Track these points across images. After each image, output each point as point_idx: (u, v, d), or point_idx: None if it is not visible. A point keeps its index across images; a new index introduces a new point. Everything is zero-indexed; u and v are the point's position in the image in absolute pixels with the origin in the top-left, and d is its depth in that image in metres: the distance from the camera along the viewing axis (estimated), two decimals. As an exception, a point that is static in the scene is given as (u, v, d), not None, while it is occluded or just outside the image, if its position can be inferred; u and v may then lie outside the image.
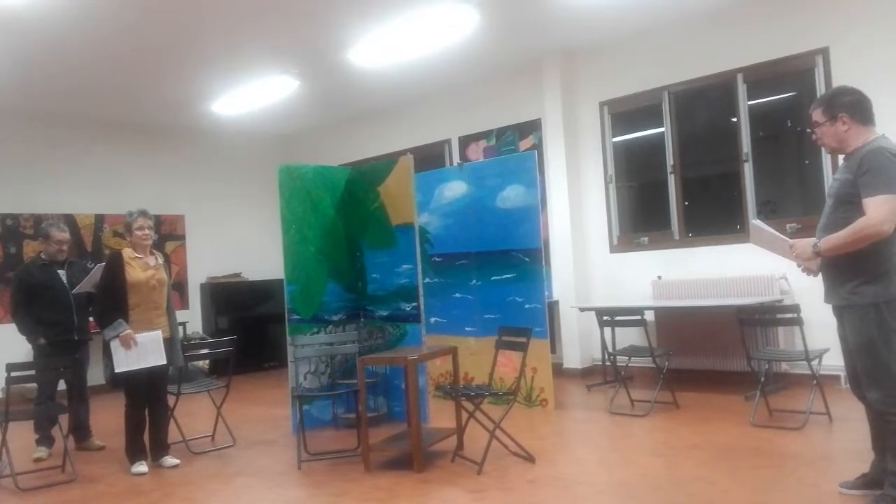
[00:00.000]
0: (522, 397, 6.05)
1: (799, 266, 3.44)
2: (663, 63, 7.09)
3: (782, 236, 3.57)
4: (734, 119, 6.76)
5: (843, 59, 6.03)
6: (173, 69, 7.37)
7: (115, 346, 4.76)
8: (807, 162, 6.58)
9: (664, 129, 7.19)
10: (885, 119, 5.86)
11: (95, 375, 6.14)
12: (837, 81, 6.05)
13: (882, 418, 3.23)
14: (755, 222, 3.70)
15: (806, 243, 3.34)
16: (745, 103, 6.68)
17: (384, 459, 4.72)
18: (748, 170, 6.64)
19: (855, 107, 3.30)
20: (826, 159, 6.11)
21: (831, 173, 5.79)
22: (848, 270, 3.23)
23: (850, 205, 3.19)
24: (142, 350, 4.79)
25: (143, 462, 4.91)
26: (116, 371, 4.78)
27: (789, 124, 6.85)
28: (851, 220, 3.14)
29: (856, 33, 5.97)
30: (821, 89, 6.12)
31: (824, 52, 6.14)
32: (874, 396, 3.21)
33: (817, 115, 3.38)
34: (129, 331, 4.76)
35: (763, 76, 6.57)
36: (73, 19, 5.80)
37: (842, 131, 3.30)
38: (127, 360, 4.77)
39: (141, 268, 4.93)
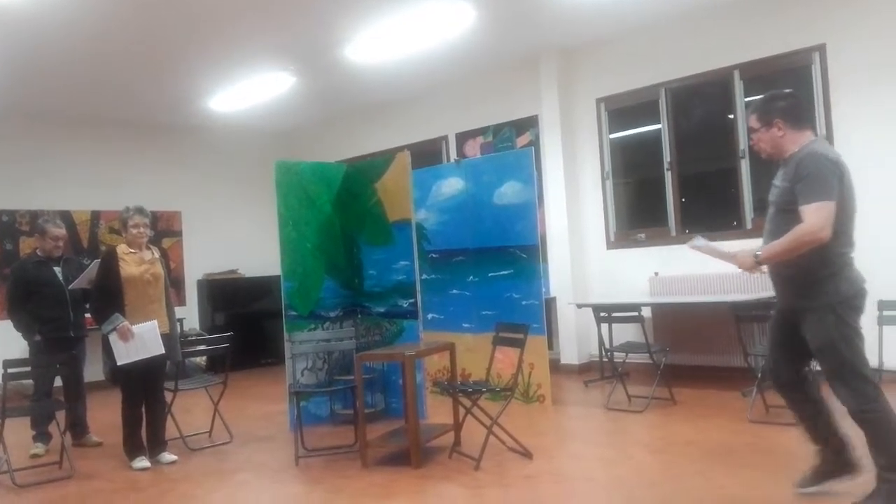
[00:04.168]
0: (520, 393, 6.04)
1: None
2: (660, 60, 7.09)
3: (723, 250, 3.57)
4: (731, 115, 6.76)
5: (839, 55, 6.03)
6: (170, 66, 7.34)
7: (113, 339, 4.75)
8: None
9: (661, 126, 7.20)
10: (881, 115, 5.91)
11: (92, 372, 6.13)
12: (834, 78, 6.07)
13: (855, 417, 3.20)
14: (694, 243, 3.60)
15: (747, 253, 3.34)
16: (741, 100, 6.67)
17: (381, 455, 4.72)
18: (745, 166, 6.64)
19: (788, 112, 3.30)
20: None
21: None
22: (796, 276, 3.24)
23: (789, 212, 3.19)
24: (140, 341, 4.78)
25: (144, 457, 4.90)
26: (119, 364, 4.77)
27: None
28: (792, 227, 3.14)
29: (852, 30, 5.97)
30: (818, 86, 6.14)
31: (821, 48, 6.14)
32: (843, 396, 3.21)
33: (752, 121, 3.40)
34: (125, 322, 4.75)
35: (760, 73, 6.56)
36: (69, 17, 5.77)
37: (777, 137, 3.31)
38: (127, 353, 4.76)
39: (135, 262, 4.92)
